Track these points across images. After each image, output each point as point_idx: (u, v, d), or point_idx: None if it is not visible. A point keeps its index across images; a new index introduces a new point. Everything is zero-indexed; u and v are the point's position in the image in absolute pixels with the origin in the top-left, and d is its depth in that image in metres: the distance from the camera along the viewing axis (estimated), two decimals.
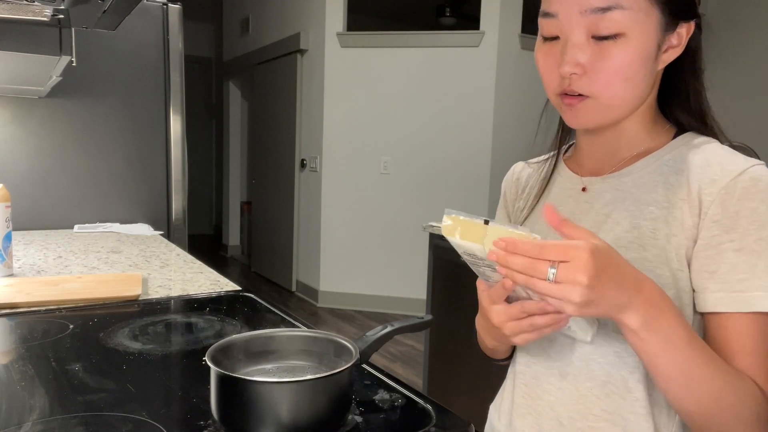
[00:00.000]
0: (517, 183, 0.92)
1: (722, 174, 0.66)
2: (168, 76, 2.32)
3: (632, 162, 0.75)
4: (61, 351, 0.91)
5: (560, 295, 0.56)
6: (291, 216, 5.01)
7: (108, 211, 2.27)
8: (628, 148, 0.76)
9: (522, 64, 4.30)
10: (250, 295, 1.28)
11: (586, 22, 0.67)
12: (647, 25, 0.67)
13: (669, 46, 0.70)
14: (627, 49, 0.66)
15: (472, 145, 4.27)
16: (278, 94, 5.17)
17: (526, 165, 0.93)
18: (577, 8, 0.67)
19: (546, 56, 0.72)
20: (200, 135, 7.38)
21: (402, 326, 0.78)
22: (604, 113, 0.71)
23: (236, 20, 6.13)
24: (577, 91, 0.70)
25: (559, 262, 0.55)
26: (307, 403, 0.63)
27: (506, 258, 0.57)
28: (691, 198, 0.68)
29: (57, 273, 1.46)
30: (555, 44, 0.71)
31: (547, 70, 0.72)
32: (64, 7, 1.08)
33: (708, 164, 0.68)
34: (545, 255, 0.56)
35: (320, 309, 4.62)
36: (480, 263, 0.64)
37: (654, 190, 0.71)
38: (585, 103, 0.70)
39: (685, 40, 0.70)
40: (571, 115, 0.72)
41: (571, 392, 0.74)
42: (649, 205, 0.71)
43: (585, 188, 0.79)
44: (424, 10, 6.10)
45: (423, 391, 0.81)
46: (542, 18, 0.71)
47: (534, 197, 0.86)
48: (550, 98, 0.75)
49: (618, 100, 0.69)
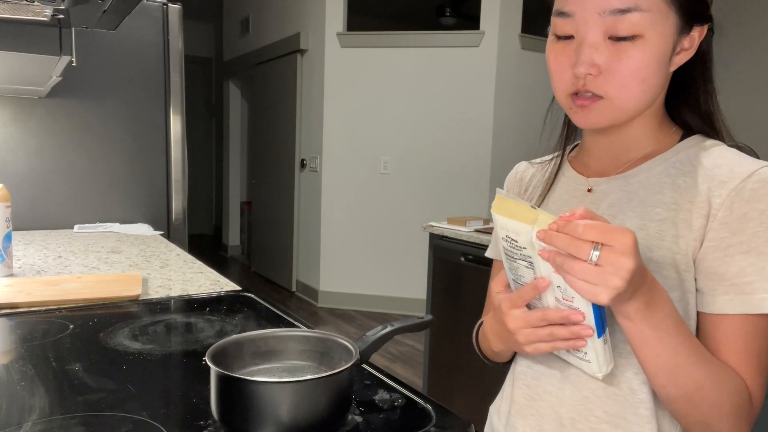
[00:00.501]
0: (519, 183, 0.92)
1: (731, 176, 0.66)
2: (168, 76, 2.32)
3: (638, 163, 0.75)
4: (61, 351, 0.91)
5: (599, 279, 0.55)
6: (291, 216, 5.01)
7: (108, 211, 2.27)
8: (634, 149, 0.76)
9: (522, 64, 4.30)
10: (250, 295, 1.28)
11: (604, 23, 0.66)
12: (664, 27, 0.67)
13: (681, 49, 0.70)
14: (644, 50, 0.66)
15: (472, 145, 4.27)
16: (278, 94, 5.17)
17: (529, 165, 0.92)
18: (595, 9, 0.66)
19: (558, 55, 0.71)
20: (200, 135, 7.38)
21: (402, 326, 0.78)
22: (616, 114, 0.70)
23: (236, 20, 6.13)
24: (590, 92, 0.69)
25: (602, 245, 0.54)
26: (307, 403, 0.63)
27: (551, 236, 0.56)
28: (700, 200, 0.67)
29: (57, 273, 1.46)
30: (569, 44, 0.70)
31: (559, 70, 0.72)
32: (64, 7, 1.08)
33: (717, 166, 0.68)
34: (588, 236, 0.55)
35: (320, 309, 4.62)
36: (516, 254, 0.63)
37: (661, 191, 0.71)
38: (598, 104, 0.70)
39: (696, 43, 0.71)
40: (582, 115, 0.71)
41: (573, 393, 0.74)
42: (655, 207, 0.71)
43: (590, 189, 0.79)
44: (424, 10, 6.10)
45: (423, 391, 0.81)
46: (557, 17, 0.71)
47: (538, 197, 0.86)
48: (558, 98, 0.74)
49: (632, 101, 0.69)
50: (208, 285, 1.38)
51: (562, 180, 0.84)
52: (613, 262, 0.54)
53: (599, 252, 0.54)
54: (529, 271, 0.63)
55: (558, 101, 0.75)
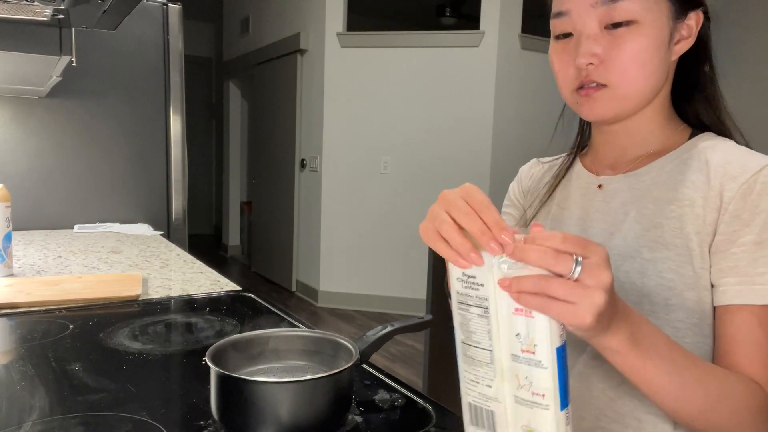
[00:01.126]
0: (521, 182, 0.93)
1: (742, 171, 0.67)
2: (168, 76, 2.32)
3: (648, 161, 0.76)
4: (61, 351, 0.91)
5: (580, 296, 0.47)
6: (291, 216, 5.00)
7: (108, 211, 2.27)
8: (643, 145, 0.77)
9: (522, 64, 4.30)
10: (250, 295, 1.28)
11: (597, 14, 0.68)
12: (658, 12, 0.68)
13: (680, 38, 0.71)
14: (640, 35, 0.68)
15: (472, 145, 4.27)
16: (278, 94, 5.17)
17: (537, 162, 0.94)
18: (587, 2, 0.68)
19: (561, 54, 0.73)
20: (200, 135, 7.37)
21: (402, 326, 0.78)
22: (620, 102, 0.71)
23: (236, 20, 6.13)
24: (594, 81, 0.70)
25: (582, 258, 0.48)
26: (307, 403, 0.63)
27: (524, 249, 0.48)
28: (712, 195, 0.68)
29: (57, 273, 1.46)
30: (568, 41, 0.72)
31: (563, 67, 0.73)
32: (64, 7, 1.08)
33: (728, 162, 0.69)
34: (568, 247, 0.48)
35: (320, 309, 4.62)
36: (471, 299, 0.54)
37: (674, 188, 0.72)
38: (602, 93, 0.71)
39: (695, 31, 0.72)
40: (588, 107, 0.73)
41: (581, 392, 0.74)
42: (670, 204, 0.71)
43: (600, 186, 0.79)
44: (424, 10, 6.10)
45: (423, 391, 0.81)
46: (554, 19, 0.73)
47: (546, 192, 0.86)
48: (565, 96, 0.76)
49: (634, 87, 0.70)
50: (208, 285, 1.38)
51: (572, 177, 0.85)
52: (595, 276, 0.48)
53: (581, 266, 0.48)
54: (483, 321, 0.53)
55: (565, 100, 0.77)
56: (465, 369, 0.58)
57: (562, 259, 0.48)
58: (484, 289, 0.52)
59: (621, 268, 0.72)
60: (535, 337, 0.50)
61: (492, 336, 0.53)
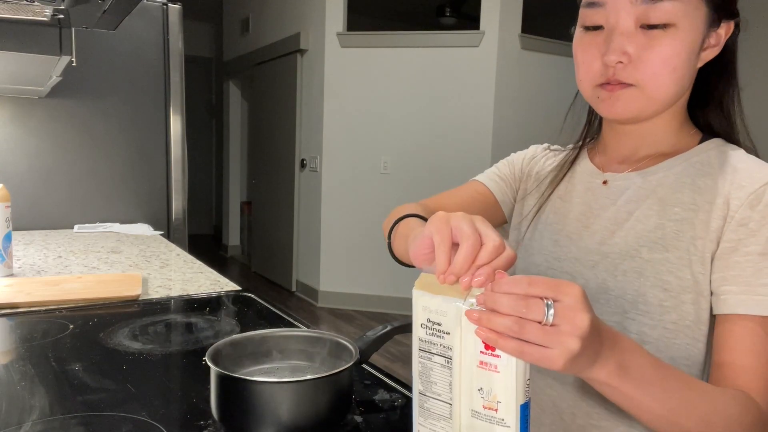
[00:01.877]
0: (526, 163, 0.92)
1: (750, 181, 0.67)
2: (168, 76, 2.32)
3: (656, 161, 0.75)
4: (61, 351, 0.91)
5: (553, 341, 0.46)
6: (291, 216, 5.00)
7: (108, 211, 2.27)
8: (653, 146, 0.76)
9: (522, 64, 4.30)
10: (250, 295, 1.28)
11: (636, 11, 0.66)
12: (695, 18, 0.67)
13: (708, 45, 0.70)
14: (676, 39, 0.66)
15: (472, 145, 4.27)
16: (278, 94, 5.17)
17: (547, 149, 0.93)
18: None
19: (587, 47, 0.71)
20: (200, 135, 7.37)
21: (402, 326, 0.78)
22: (645, 104, 0.70)
23: (236, 20, 6.13)
24: (620, 80, 0.69)
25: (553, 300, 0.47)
26: (307, 403, 0.63)
27: (493, 297, 0.47)
28: (719, 201, 0.68)
29: (57, 273, 1.46)
30: (598, 34, 0.70)
31: (587, 60, 0.71)
32: (64, 7, 1.08)
33: (736, 171, 0.69)
34: (536, 290, 0.47)
35: (320, 309, 4.62)
36: (435, 347, 0.52)
37: (680, 191, 0.71)
38: (627, 91, 0.69)
39: (723, 40, 0.71)
40: (609, 104, 0.71)
41: (575, 388, 0.74)
42: (674, 206, 0.71)
43: (606, 182, 0.79)
44: (424, 10, 6.09)
45: None
46: (586, 8, 0.70)
47: (549, 184, 0.85)
48: (584, 90, 0.74)
49: (662, 91, 0.69)
50: (208, 285, 1.38)
51: (577, 171, 0.84)
52: (569, 319, 0.46)
53: (552, 309, 0.46)
54: (445, 372, 0.51)
55: (583, 93, 0.75)
56: (420, 423, 0.55)
57: (534, 305, 0.47)
58: (449, 338, 0.50)
59: (620, 267, 0.72)
60: (498, 394, 0.48)
61: (453, 389, 0.51)
